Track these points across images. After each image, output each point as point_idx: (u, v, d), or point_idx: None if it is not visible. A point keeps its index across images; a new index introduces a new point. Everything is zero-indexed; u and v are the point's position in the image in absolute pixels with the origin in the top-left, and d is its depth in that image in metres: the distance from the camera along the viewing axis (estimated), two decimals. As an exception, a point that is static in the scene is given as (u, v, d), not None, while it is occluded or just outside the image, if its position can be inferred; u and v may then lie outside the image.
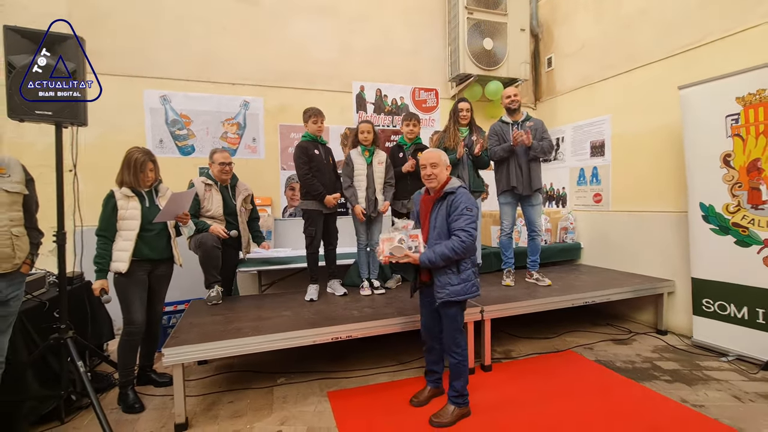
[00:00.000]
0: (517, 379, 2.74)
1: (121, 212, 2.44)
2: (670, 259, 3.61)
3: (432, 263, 2.08)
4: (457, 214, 2.09)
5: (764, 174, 2.75)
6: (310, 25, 4.33)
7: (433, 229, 2.17)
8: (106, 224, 2.43)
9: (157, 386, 2.70)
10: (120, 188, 2.48)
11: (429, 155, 2.22)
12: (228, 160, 3.17)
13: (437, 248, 2.07)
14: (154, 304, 2.67)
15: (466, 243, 2.05)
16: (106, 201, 2.46)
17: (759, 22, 2.96)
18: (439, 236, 2.14)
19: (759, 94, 2.74)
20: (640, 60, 3.86)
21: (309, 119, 3.17)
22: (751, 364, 2.84)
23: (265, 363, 3.07)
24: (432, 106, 4.85)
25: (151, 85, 3.81)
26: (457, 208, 2.10)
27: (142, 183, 2.52)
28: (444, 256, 2.05)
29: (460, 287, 2.13)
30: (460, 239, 2.05)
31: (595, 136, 4.42)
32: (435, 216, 2.18)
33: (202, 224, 2.98)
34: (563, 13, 4.84)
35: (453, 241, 2.06)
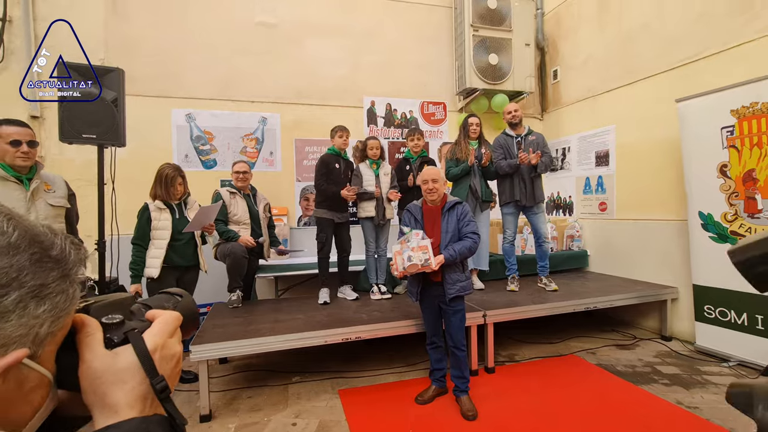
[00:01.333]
0: (518, 380, 2.87)
1: (154, 223, 2.73)
2: (672, 266, 3.69)
3: (454, 258, 2.39)
4: (467, 221, 2.47)
5: (759, 184, 2.84)
6: (323, 44, 4.60)
7: (446, 233, 2.47)
8: (142, 234, 2.73)
9: (183, 382, 2.92)
10: (153, 201, 2.76)
11: (430, 172, 2.52)
12: (242, 169, 3.41)
13: (456, 246, 2.40)
14: None
15: (477, 242, 2.46)
16: (141, 213, 2.75)
17: (753, 38, 3.06)
18: (452, 240, 2.47)
19: (752, 107, 2.84)
20: (642, 73, 3.98)
21: (336, 134, 3.45)
22: (752, 370, 2.90)
23: (281, 363, 3.28)
24: (440, 119, 5.04)
25: (178, 104, 4.12)
26: (465, 215, 2.49)
27: (173, 196, 2.80)
28: (463, 253, 2.41)
29: (466, 283, 2.48)
30: (473, 240, 2.44)
31: (599, 146, 4.53)
32: (446, 223, 2.49)
33: (233, 233, 3.22)
34: (567, 27, 4.99)
35: (468, 241, 2.43)
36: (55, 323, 0.37)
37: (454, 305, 2.47)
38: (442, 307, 2.53)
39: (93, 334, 0.42)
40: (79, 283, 0.40)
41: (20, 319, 0.34)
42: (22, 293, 0.34)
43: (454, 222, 2.48)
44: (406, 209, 2.63)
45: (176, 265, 2.79)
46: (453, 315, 2.49)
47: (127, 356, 0.42)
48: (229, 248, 3.12)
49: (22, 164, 2.14)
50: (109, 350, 0.42)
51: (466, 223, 2.47)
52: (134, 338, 0.43)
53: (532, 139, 3.63)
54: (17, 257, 0.35)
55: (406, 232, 2.43)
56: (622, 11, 4.20)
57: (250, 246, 3.25)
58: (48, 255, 0.38)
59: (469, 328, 2.97)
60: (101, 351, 0.41)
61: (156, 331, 0.45)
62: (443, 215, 2.51)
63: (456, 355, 2.51)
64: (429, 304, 2.58)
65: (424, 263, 2.32)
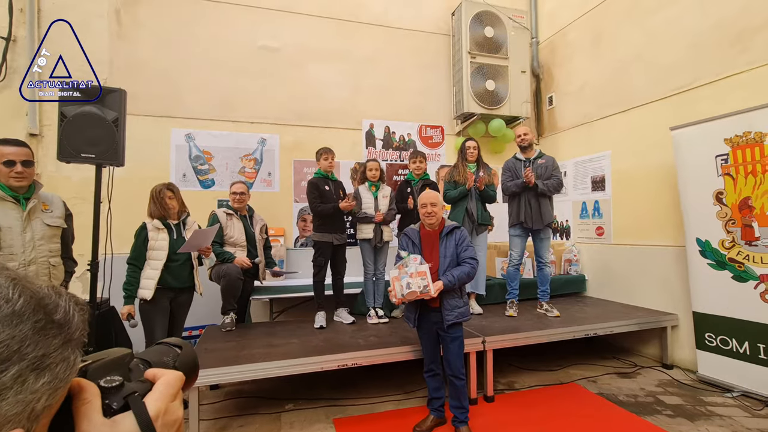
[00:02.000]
0: (519, 410, 2.79)
1: (151, 243, 2.69)
2: (672, 292, 3.67)
3: (453, 284, 2.36)
4: (465, 246, 2.45)
5: (755, 212, 2.86)
6: (325, 68, 4.68)
7: (444, 258, 2.44)
8: (138, 254, 2.68)
9: None
10: (152, 220, 2.73)
11: (429, 195, 2.51)
12: (240, 190, 3.39)
13: (455, 272, 2.38)
14: (174, 329, 2.84)
15: (476, 268, 2.43)
16: (138, 232, 2.71)
17: (743, 69, 3.15)
18: (450, 264, 2.43)
19: (745, 136, 2.90)
20: (636, 101, 4.07)
21: (320, 156, 3.42)
22: (756, 401, 2.84)
23: (274, 389, 3.18)
24: (438, 142, 5.10)
25: (178, 124, 4.15)
26: (464, 240, 2.47)
27: (168, 210, 2.77)
28: (462, 278, 2.38)
29: (464, 309, 2.45)
30: (472, 266, 2.42)
31: (595, 171, 4.58)
32: (445, 247, 2.46)
33: (228, 255, 3.18)
34: (562, 55, 5.13)
35: (467, 267, 2.40)
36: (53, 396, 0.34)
37: (453, 332, 2.42)
38: (440, 333, 2.47)
39: (91, 401, 0.38)
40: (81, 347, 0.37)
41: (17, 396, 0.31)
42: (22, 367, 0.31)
43: (453, 247, 2.45)
44: (404, 233, 2.61)
45: (171, 286, 2.73)
46: (451, 342, 2.43)
47: (127, 424, 0.38)
48: (224, 269, 3.08)
49: (16, 185, 2.12)
50: (108, 419, 0.38)
51: (464, 248, 2.44)
52: (135, 404, 0.40)
53: (540, 162, 3.66)
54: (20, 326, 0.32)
55: (404, 256, 2.39)
56: (616, 42, 4.34)
57: (246, 267, 3.21)
58: (52, 320, 0.35)
59: (467, 354, 2.90)
60: (99, 420, 0.38)
61: (158, 395, 0.42)
62: (441, 240, 2.48)
63: (454, 384, 2.44)
64: (427, 331, 2.52)
65: (423, 290, 2.28)
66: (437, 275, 2.40)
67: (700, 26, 3.49)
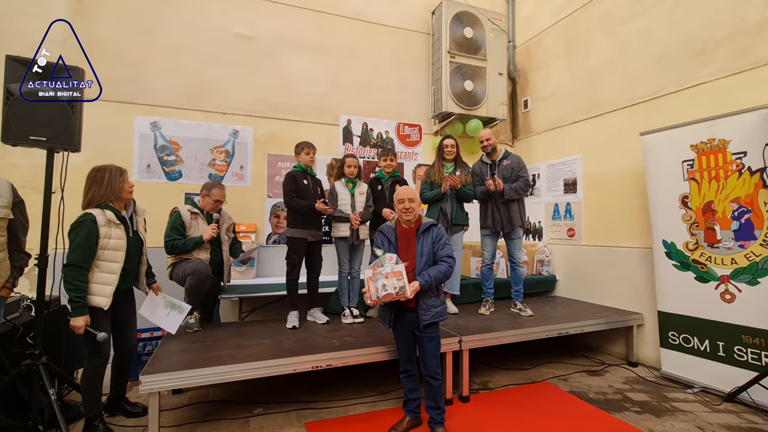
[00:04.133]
0: (494, 410, 2.78)
1: (104, 241, 2.21)
2: (638, 292, 3.80)
3: (430, 284, 2.29)
4: (442, 244, 2.38)
5: (718, 215, 3.00)
6: (302, 60, 4.55)
7: (420, 256, 2.36)
8: (88, 253, 2.16)
9: (129, 416, 2.60)
10: (103, 212, 2.25)
11: (407, 191, 2.42)
12: (224, 199, 3.24)
13: (431, 271, 2.30)
14: (127, 333, 2.57)
15: (452, 266, 2.35)
16: (85, 226, 2.17)
17: (706, 80, 3.30)
18: (426, 263, 2.35)
19: (710, 143, 3.03)
20: (607, 107, 4.20)
21: (302, 150, 3.29)
22: (715, 396, 2.97)
23: (243, 393, 3.02)
24: (416, 141, 5.07)
25: (142, 111, 3.89)
26: (441, 238, 2.40)
27: (125, 194, 2.34)
28: (438, 278, 2.30)
29: (440, 308, 2.38)
30: (449, 264, 2.34)
31: (567, 174, 4.69)
32: (421, 245, 2.38)
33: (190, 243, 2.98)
34: (538, 60, 5.23)
35: (444, 266, 2.33)
36: None
37: (429, 332, 2.36)
38: (416, 333, 2.41)
39: None
40: None
41: None
42: None
43: (429, 245, 2.38)
44: (380, 230, 2.49)
45: (120, 290, 2.33)
46: (428, 342, 2.37)
47: None
48: (192, 267, 2.88)
49: None
50: None
51: (441, 246, 2.38)
52: None
53: (506, 164, 3.67)
54: None
55: (378, 255, 2.28)
56: (589, 49, 4.46)
57: (214, 236, 3.05)
58: None
59: (443, 354, 2.87)
60: None
61: None
62: (418, 237, 2.40)
63: (431, 385, 2.39)
64: (402, 331, 2.45)
65: (399, 291, 2.18)
66: (413, 274, 2.32)
67: (667, 38, 3.64)
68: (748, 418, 2.65)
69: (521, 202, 3.71)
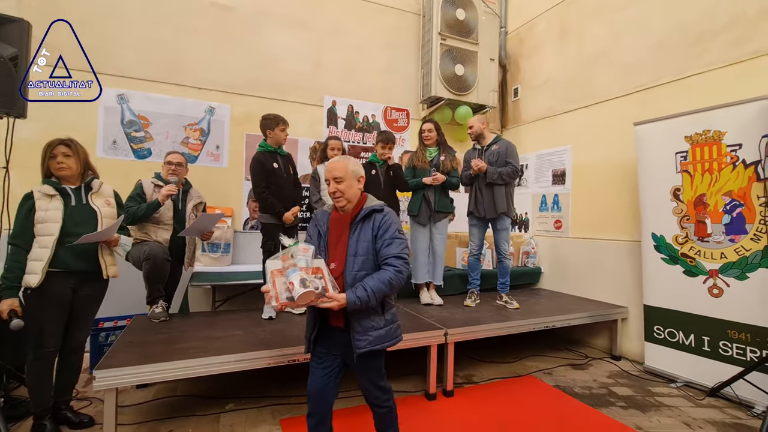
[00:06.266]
0: (479, 405, 2.68)
1: (39, 214, 2.04)
2: (624, 286, 3.76)
3: (365, 303, 1.56)
4: (389, 238, 1.66)
5: (709, 209, 2.94)
6: (284, 36, 4.28)
7: (353, 256, 1.66)
8: (20, 229, 2.02)
9: (73, 428, 2.23)
10: (43, 185, 2.10)
11: (332, 166, 1.73)
12: (176, 160, 2.88)
13: (369, 282, 1.59)
14: (76, 330, 2.23)
15: (403, 273, 1.65)
16: (22, 202, 2.07)
17: (703, 70, 3.22)
18: (363, 265, 1.66)
19: (705, 134, 2.96)
20: (599, 96, 4.10)
21: (277, 126, 2.99)
22: (698, 390, 2.95)
23: (213, 387, 2.83)
24: (403, 126, 4.88)
25: (108, 82, 3.56)
26: (387, 230, 1.67)
27: (53, 170, 2.13)
28: (380, 292, 1.59)
29: (385, 331, 1.68)
30: (396, 269, 1.62)
31: (556, 165, 4.60)
32: (356, 240, 1.68)
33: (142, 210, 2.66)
34: (529, 47, 5.09)
35: (387, 272, 1.62)
36: None
37: (368, 362, 1.69)
38: (347, 363, 1.74)
39: None
40: None
41: None
42: None
43: (368, 239, 1.68)
44: (313, 216, 1.87)
45: (72, 269, 2.09)
46: (366, 372, 1.72)
47: None
48: (146, 251, 2.59)
49: None
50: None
51: (387, 241, 1.66)
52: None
53: (494, 149, 3.54)
54: None
55: (287, 245, 1.58)
56: (582, 37, 4.34)
57: (173, 194, 2.74)
58: None
59: (428, 348, 2.75)
60: None
61: None
62: (353, 229, 1.70)
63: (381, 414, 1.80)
64: (320, 354, 1.74)
65: (321, 293, 1.51)
66: (343, 280, 1.65)
67: (663, 27, 3.54)
68: (732, 413, 2.63)
69: (509, 190, 3.57)
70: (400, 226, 1.73)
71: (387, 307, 1.73)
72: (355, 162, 1.76)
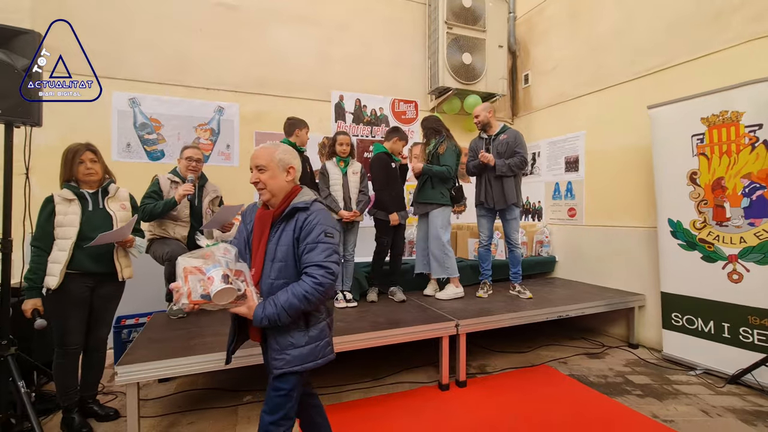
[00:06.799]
0: (491, 395, 2.69)
1: (59, 218, 2.15)
2: (640, 273, 3.68)
3: (274, 321, 1.36)
4: (312, 242, 1.42)
5: (728, 192, 2.85)
6: (290, 33, 4.29)
7: (270, 263, 1.46)
8: (41, 233, 2.14)
9: (100, 420, 2.34)
10: (62, 190, 2.21)
11: (254, 153, 1.53)
12: (197, 156, 2.94)
13: (280, 297, 1.37)
14: (96, 328, 2.32)
15: (324, 286, 1.39)
16: (43, 206, 2.18)
17: (722, 47, 3.10)
18: (280, 273, 1.44)
19: (722, 116, 2.85)
20: (612, 80, 3.98)
21: (303, 129, 3.16)
22: (718, 378, 2.89)
23: (231, 380, 2.92)
24: (411, 118, 4.85)
25: (120, 86, 3.65)
26: (310, 232, 1.43)
27: (81, 176, 2.21)
28: (293, 309, 1.36)
29: (308, 349, 1.46)
30: (315, 280, 1.38)
31: (569, 151, 4.51)
32: (275, 242, 1.47)
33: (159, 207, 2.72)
34: (539, 32, 4.97)
35: (304, 284, 1.38)
36: None
37: (279, 382, 1.46)
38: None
39: None
40: None
41: None
42: None
43: (289, 241, 1.45)
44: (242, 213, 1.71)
45: (89, 271, 2.19)
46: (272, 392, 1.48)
47: None
48: (168, 252, 2.69)
49: None
50: None
51: (309, 246, 1.42)
52: None
53: (502, 139, 3.50)
54: None
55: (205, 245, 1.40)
56: (593, 19, 4.21)
57: (190, 193, 2.79)
58: None
59: (440, 339, 2.77)
60: None
61: None
62: (273, 229, 1.49)
63: None
64: None
65: (240, 297, 1.37)
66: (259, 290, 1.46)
67: (679, 4, 3.40)
68: (753, 400, 2.58)
69: (517, 180, 3.52)
70: (330, 228, 1.46)
71: (313, 320, 1.48)
72: (285, 150, 1.55)
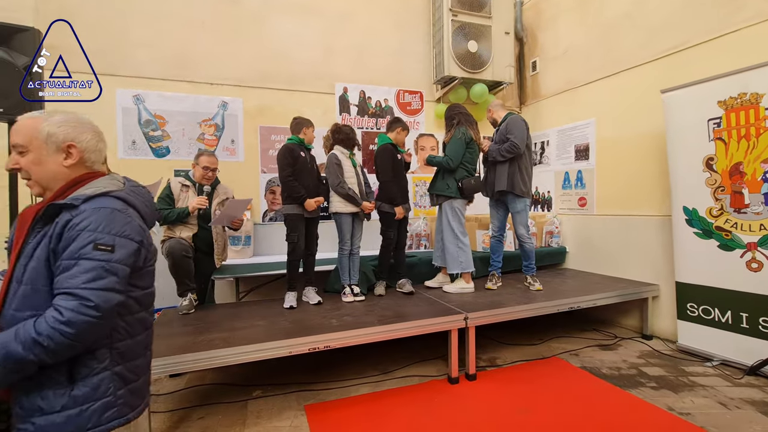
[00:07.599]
0: (501, 388, 2.66)
1: None
2: (654, 263, 3.59)
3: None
4: (69, 257, 0.96)
5: (746, 178, 2.74)
6: (293, 25, 4.23)
7: (16, 284, 0.98)
8: None
9: None
10: None
11: (13, 128, 1.07)
12: (213, 165, 3.02)
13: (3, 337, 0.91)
14: None
15: (74, 326, 0.92)
16: None
17: (740, 26, 2.96)
18: (23, 301, 0.97)
19: (740, 98, 2.74)
20: (624, 63, 3.86)
21: (309, 128, 3.15)
22: (736, 369, 2.81)
23: (241, 375, 2.93)
24: (417, 109, 4.78)
25: (124, 83, 3.65)
26: (72, 240, 0.97)
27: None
28: (11, 360, 0.89)
29: (65, 417, 0.96)
30: (58, 318, 0.91)
31: (579, 139, 4.40)
32: (27, 256, 0.99)
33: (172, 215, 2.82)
34: (547, 17, 4.84)
35: (42, 323, 0.91)
36: None
37: None
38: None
39: None
40: None
41: None
42: None
43: (43, 256, 0.98)
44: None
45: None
46: None
47: None
48: (167, 248, 2.74)
49: None
50: None
51: (65, 264, 0.96)
52: None
53: (501, 128, 3.52)
54: None
55: None
56: (603, 1, 4.07)
57: (202, 207, 2.89)
58: None
59: (449, 332, 2.73)
60: None
61: None
62: (30, 235, 1.02)
63: None
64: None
65: None
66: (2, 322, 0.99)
67: (693, -18, 3.27)
68: (773, 392, 2.50)
69: (512, 168, 3.37)
70: (107, 237, 1.00)
71: (84, 372, 0.99)
72: (60, 121, 1.06)
